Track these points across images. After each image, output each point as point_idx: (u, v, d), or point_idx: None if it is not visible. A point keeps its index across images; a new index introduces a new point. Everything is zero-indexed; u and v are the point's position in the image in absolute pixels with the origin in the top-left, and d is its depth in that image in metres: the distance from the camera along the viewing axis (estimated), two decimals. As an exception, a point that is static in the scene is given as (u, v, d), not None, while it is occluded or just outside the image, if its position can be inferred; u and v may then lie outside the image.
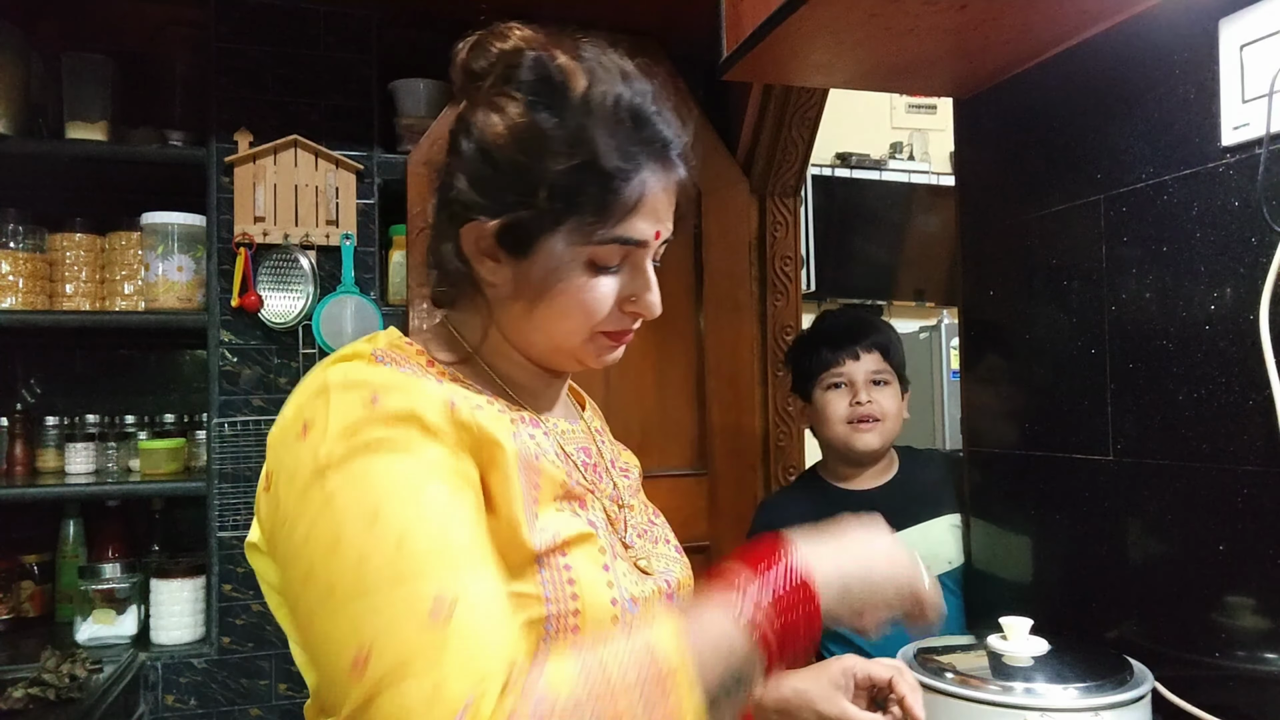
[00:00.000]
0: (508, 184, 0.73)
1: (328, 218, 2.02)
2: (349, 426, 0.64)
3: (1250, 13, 0.94)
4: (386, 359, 0.72)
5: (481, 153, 0.74)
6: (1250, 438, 0.95)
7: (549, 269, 0.74)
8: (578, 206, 0.72)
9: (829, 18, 1.08)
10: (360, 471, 0.63)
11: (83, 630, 1.91)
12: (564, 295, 0.75)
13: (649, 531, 0.88)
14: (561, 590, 0.70)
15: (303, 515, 0.63)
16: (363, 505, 0.61)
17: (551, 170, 0.71)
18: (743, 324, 2.31)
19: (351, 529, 0.61)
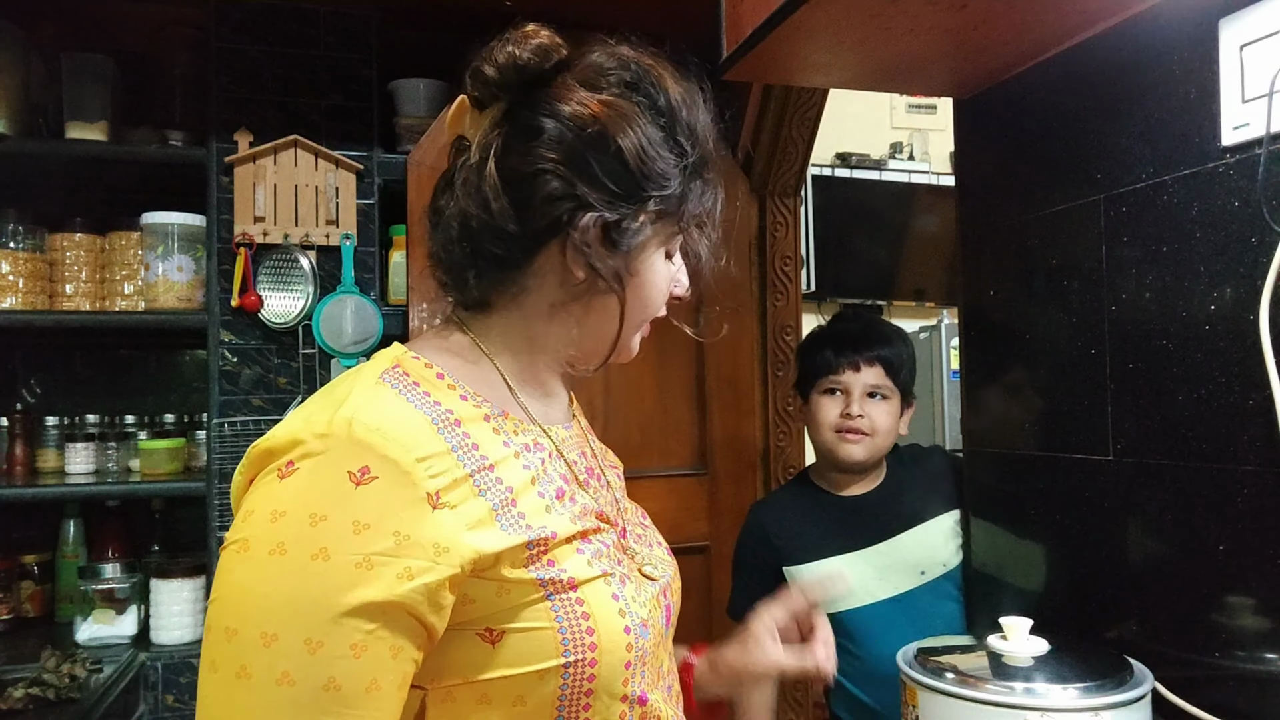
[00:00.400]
0: (629, 176, 0.74)
1: (328, 218, 2.02)
2: (316, 513, 0.62)
3: (1250, 13, 0.94)
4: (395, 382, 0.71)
5: (590, 142, 0.73)
6: (1250, 438, 0.95)
7: (643, 261, 0.78)
8: (687, 201, 0.77)
9: (829, 18, 1.08)
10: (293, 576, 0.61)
11: (83, 630, 1.91)
12: (650, 286, 0.79)
13: (644, 535, 0.89)
14: (576, 625, 0.69)
15: (237, 574, 0.63)
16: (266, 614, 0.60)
17: (672, 164, 0.75)
18: (743, 324, 2.31)
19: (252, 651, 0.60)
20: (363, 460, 0.63)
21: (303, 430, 0.65)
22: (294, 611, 0.60)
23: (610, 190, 0.73)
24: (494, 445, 0.72)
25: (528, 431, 0.77)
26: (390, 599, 0.62)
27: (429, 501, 0.64)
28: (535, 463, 0.74)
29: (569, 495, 0.76)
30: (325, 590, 0.61)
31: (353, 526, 0.62)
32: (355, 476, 0.63)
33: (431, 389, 0.72)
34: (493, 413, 0.74)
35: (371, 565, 0.61)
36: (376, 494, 0.63)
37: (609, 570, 0.74)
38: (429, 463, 0.66)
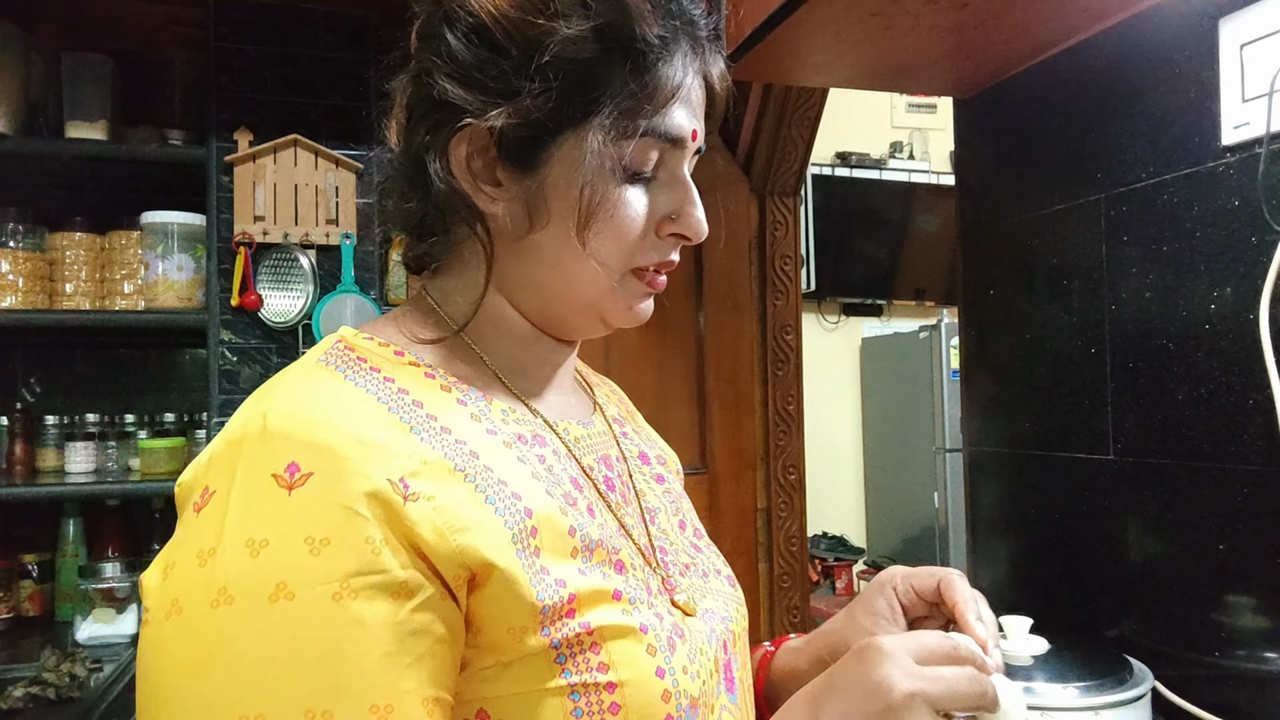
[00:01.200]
0: (511, 64, 0.55)
1: (328, 217, 2.02)
2: (254, 537, 0.46)
3: (1250, 12, 0.94)
4: (337, 361, 0.56)
5: (471, 31, 0.56)
6: (1250, 438, 0.95)
7: (568, 180, 0.57)
8: (609, 86, 0.56)
9: (829, 18, 1.08)
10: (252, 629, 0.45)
11: (83, 629, 1.91)
12: (594, 216, 0.57)
13: (695, 562, 0.69)
14: (589, 676, 0.53)
15: (173, 651, 0.46)
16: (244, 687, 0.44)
17: (570, 37, 0.54)
18: (743, 323, 2.31)
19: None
20: (287, 456, 0.48)
21: (218, 445, 0.51)
22: (274, 678, 0.44)
23: (488, 86, 0.55)
24: (471, 431, 0.56)
25: (522, 422, 0.61)
26: (395, 634, 0.47)
27: (394, 491, 0.48)
28: (533, 458, 0.58)
29: (585, 505, 0.59)
30: (310, 640, 0.45)
31: (306, 546, 0.46)
32: (284, 479, 0.47)
33: (382, 365, 0.57)
34: (470, 396, 0.59)
35: (355, 593, 0.46)
36: (318, 496, 0.47)
37: (646, 622, 0.56)
38: (380, 445, 0.50)
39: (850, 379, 4.14)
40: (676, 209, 0.61)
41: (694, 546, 0.72)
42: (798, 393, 2.35)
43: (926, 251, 3.96)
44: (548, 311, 0.63)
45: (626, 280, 0.61)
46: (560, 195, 0.57)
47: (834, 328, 4.10)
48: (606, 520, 0.61)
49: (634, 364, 2.17)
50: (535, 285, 0.61)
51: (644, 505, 0.68)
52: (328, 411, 0.51)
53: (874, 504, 4.06)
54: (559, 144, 0.57)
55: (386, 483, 0.49)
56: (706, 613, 0.64)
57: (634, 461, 0.72)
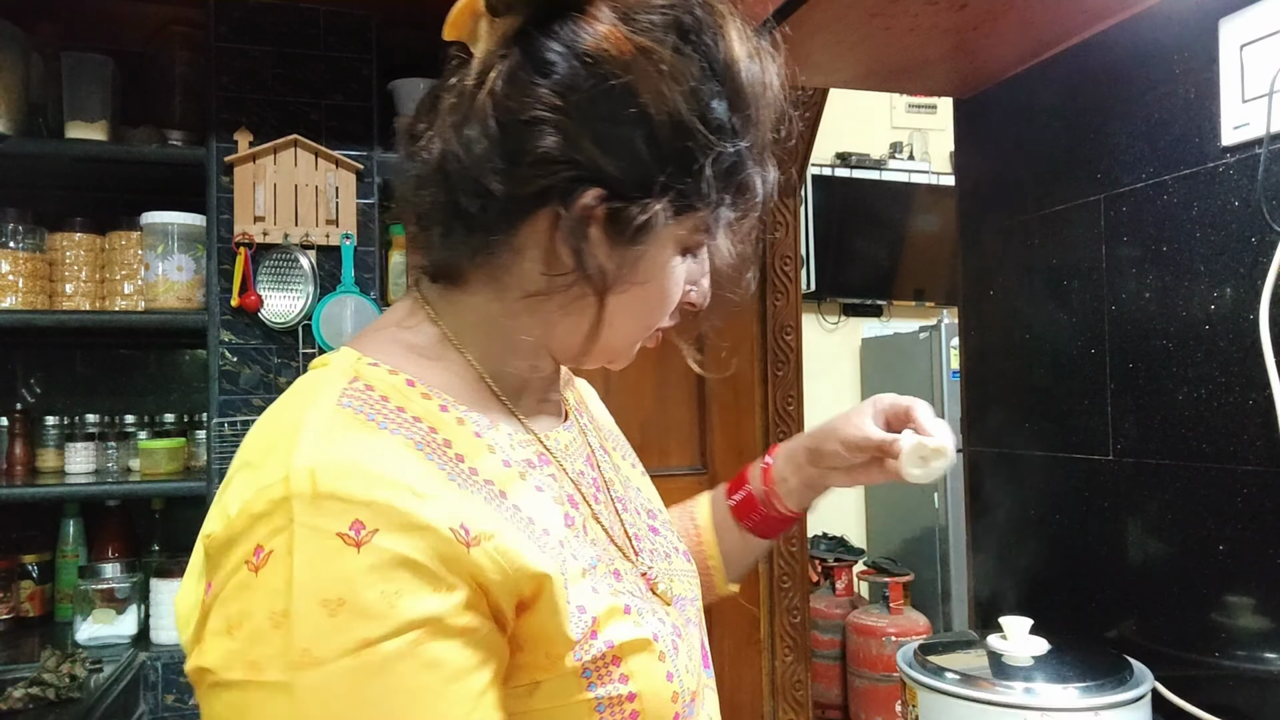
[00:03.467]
0: (660, 159, 0.56)
1: (328, 217, 2.02)
2: (329, 598, 0.47)
3: (1250, 12, 0.94)
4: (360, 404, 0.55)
5: (623, 105, 0.55)
6: (1250, 438, 0.95)
7: (661, 258, 0.61)
8: (724, 198, 0.60)
9: (829, 18, 1.08)
10: (343, 686, 0.46)
11: (83, 630, 1.91)
12: (658, 291, 0.62)
13: (656, 546, 0.72)
14: (613, 689, 0.56)
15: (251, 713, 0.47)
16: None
17: (717, 154, 0.57)
18: (743, 324, 2.32)
19: None
20: (349, 515, 0.48)
21: (257, 501, 0.50)
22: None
23: (624, 166, 0.56)
24: (492, 467, 0.57)
25: (526, 445, 0.62)
26: (474, 670, 0.50)
27: (457, 538, 0.50)
28: (547, 482, 0.61)
29: (581, 522, 0.62)
30: (399, 690, 0.47)
31: (380, 600, 0.47)
32: (350, 538, 0.48)
33: (404, 402, 0.56)
34: (481, 425, 0.59)
35: (432, 636, 0.48)
36: (385, 551, 0.48)
37: (656, 630, 0.59)
38: (432, 496, 0.51)
39: (850, 379, 4.14)
40: (696, 281, 0.68)
41: (652, 530, 0.73)
42: (798, 393, 2.36)
43: (926, 251, 3.96)
44: (571, 352, 0.65)
45: (651, 337, 0.68)
46: (651, 270, 0.60)
47: (834, 328, 4.10)
48: (597, 533, 0.63)
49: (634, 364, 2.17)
50: (566, 327, 0.62)
51: (614, 497, 0.70)
52: (376, 467, 0.51)
53: (874, 504, 4.06)
54: (660, 229, 0.59)
55: (449, 531, 0.50)
56: (679, 599, 0.68)
57: (599, 453, 0.73)
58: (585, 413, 0.79)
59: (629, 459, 0.82)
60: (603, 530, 0.64)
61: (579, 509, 0.62)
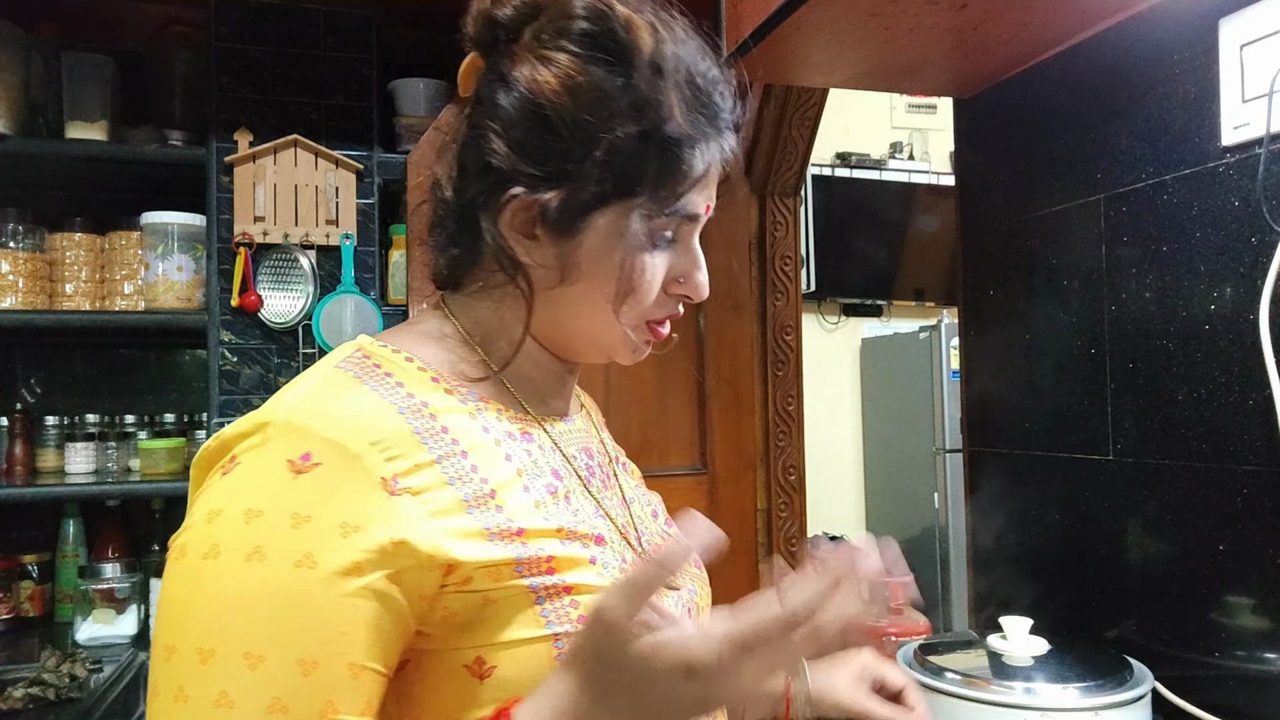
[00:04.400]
0: (564, 151, 0.63)
1: (328, 217, 2.02)
2: (253, 508, 0.55)
3: (1250, 12, 0.94)
4: (355, 368, 0.63)
5: (529, 113, 0.63)
6: (1250, 438, 0.95)
7: (600, 247, 0.65)
8: (643, 178, 0.64)
9: (829, 18, 1.08)
10: (227, 580, 0.54)
11: (83, 630, 1.91)
12: (614, 276, 0.66)
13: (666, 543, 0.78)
14: (572, 627, 0.61)
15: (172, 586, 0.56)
16: (206, 627, 0.54)
17: (619, 137, 0.62)
18: (743, 324, 2.31)
19: (185, 662, 0.54)
20: (304, 446, 0.57)
21: (247, 423, 0.60)
22: (229, 623, 0.54)
23: (541, 165, 0.63)
24: (469, 430, 0.64)
25: (515, 420, 0.69)
26: (339, 602, 0.54)
27: (384, 487, 0.57)
28: (521, 453, 0.67)
29: (564, 493, 0.68)
30: (265, 595, 0.54)
31: (290, 520, 0.55)
32: (296, 464, 0.56)
33: (397, 372, 0.64)
34: (470, 398, 0.67)
35: (314, 563, 0.54)
36: (318, 482, 0.56)
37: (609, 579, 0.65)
38: (385, 445, 0.58)
39: (850, 379, 4.14)
40: (685, 273, 0.70)
41: (664, 535, 0.80)
42: (798, 393, 2.35)
43: (926, 251, 3.96)
44: (561, 345, 0.72)
45: (637, 330, 0.70)
46: (594, 260, 0.66)
47: (834, 328, 4.10)
48: (583, 505, 0.69)
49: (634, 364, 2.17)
50: (555, 326, 0.70)
51: (624, 493, 0.78)
52: (345, 413, 0.59)
53: (874, 504, 4.06)
54: (596, 218, 0.65)
55: (380, 479, 0.57)
56: (674, 592, 0.73)
57: (612, 452, 0.83)
58: (603, 429, 0.87)
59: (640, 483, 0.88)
60: (595, 505, 0.71)
61: (564, 481, 0.69)
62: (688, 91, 0.65)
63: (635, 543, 0.73)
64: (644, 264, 0.66)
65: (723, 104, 0.68)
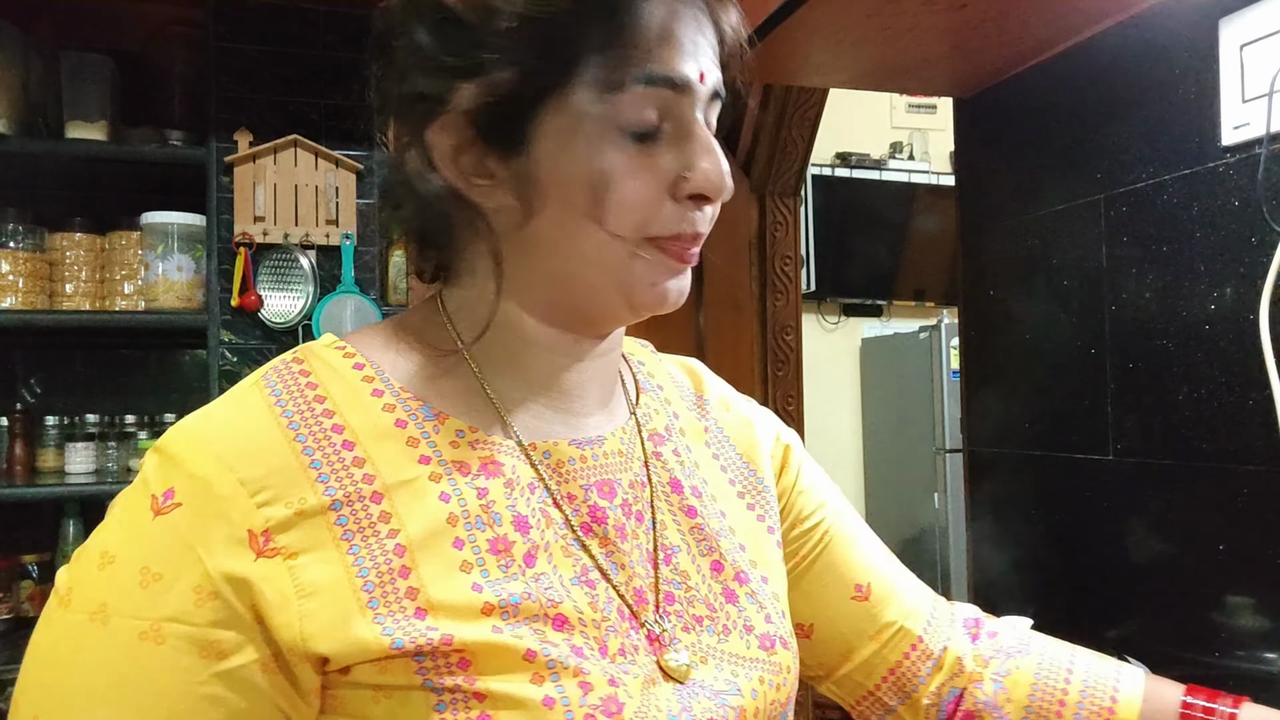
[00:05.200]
0: (477, 38, 0.50)
1: (328, 217, 2.02)
2: (108, 551, 0.48)
3: (1250, 13, 0.94)
4: (278, 380, 0.53)
5: (435, 14, 0.51)
6: (1250, 438, 0.95)
7: (559, 152, 0.51)
8: (581, 40, 0.50)
9: (829, 18, 1.08)
10: (67, 638, 0.48)
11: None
12: (592, 188, 0.51)
13: (716, 615, 0.58)
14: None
15: (39, 629, 0.50)
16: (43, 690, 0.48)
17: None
18: (743, 324, 2.31)
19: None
20: (169, 480, 0.47)
21: (149, 449, 0.52)
22: (64, 694, 0.46)
23: (453, 69, 0.51)
24: (396, 461, 0.51)
25: (479, 444, 0.53)
26: (189, 693, 0.45)
27: (250, 544, 0.46)
28: (468, 492, 0.51)
29: (525, 551, 0.51)
30: (105, 668, 0.45)
31: (140, 575, 0.46)
32: (157, 502, 0.47)
33: (329, 385, 0.53)
34: (417, 414, 0.53)
35: (161, 638, 0.45)
36: (174, 529, 0.46)
37: (554, 695, 0.48)
38: (260, 485, 0.47)
39: (850, 379, 4.14)
40: (688, 163, 0.52)
41: (727, 594, 0.59)
42: (798, 393, 2.36)
43: (926, 251, 3.96)
44: (564, 304, 0.55)
45: (645, 250, 0.53)
46: (554, 170, 0.51)
47: (834, 328, 4.10)
48: (559, 566, 0.52)
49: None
50: (545, 277, 0.55)
51: (661, 542, 0.58)
52: (224, 444, 0.49)
53: (874, 504, 4.06)
54: (542, 115, 0.51)
55: (247, 533, 0.46)
56: (701, 686, 0.54)
57: (660, 488, 0.61)
58: (673, 441, 0.64)
59: (730, 511, 0.65)
60: (590, 563, 0.54)
61: (530, 535, 0.52)
62: None
63: (655, 612, 0.55)
64: (615, 156, 0.51)
65: None
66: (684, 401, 0.69)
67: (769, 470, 0.70)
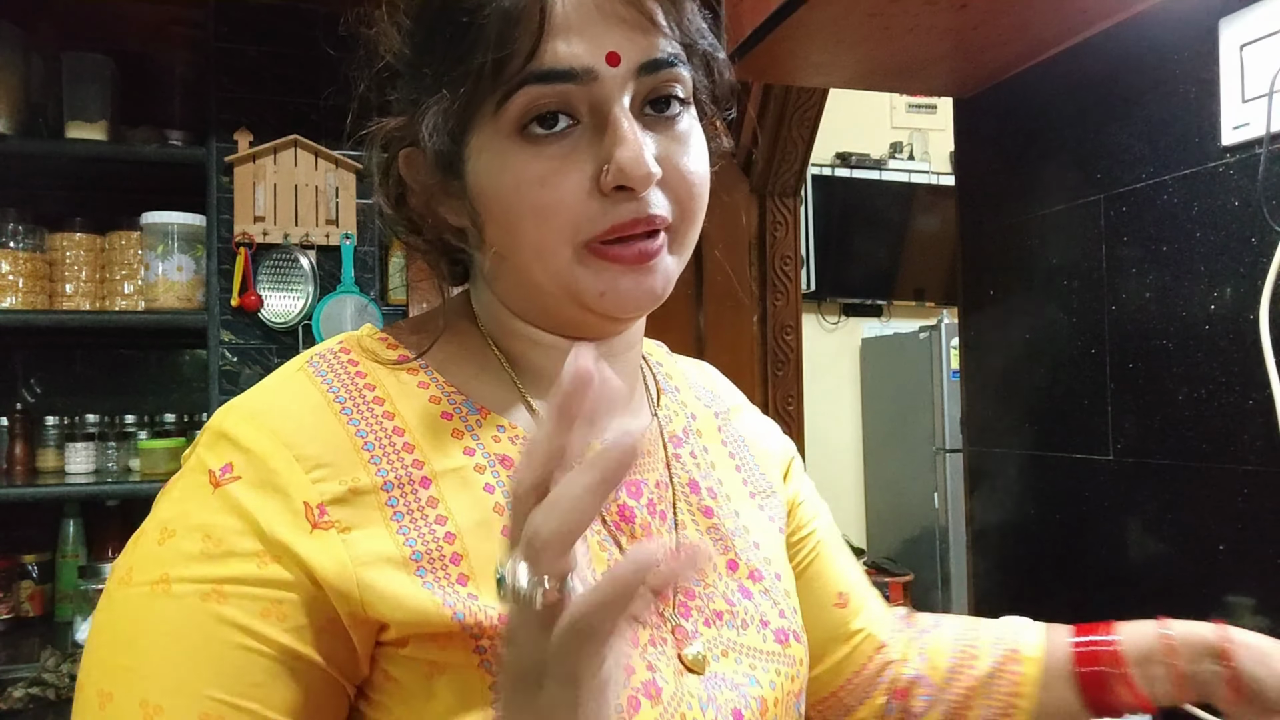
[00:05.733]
0: (409, 79, 0.56)
1: (328, 217, 2.02)
2: (168, 526, 0.49)
3: (1250, 12, 0.94)
4: (325, 365, 0.55)
5: (379, 66, 0.59)
6: (1250, 438, 0.95)
7: (485, 167, 0.52)
8: (461, 57, 0.51)
9: (829, 18, 1.08)
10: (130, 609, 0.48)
11: (83, 630, 1.91)
12: (501, 196, 0.52)
13: (736, 610, 0.60)
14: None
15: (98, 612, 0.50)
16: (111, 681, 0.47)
17: (398, 34, 0.56)
18: (743, 324, 2.31)
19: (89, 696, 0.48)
20: (227, 455, 0.49)
21: (200, 432, 0.54)
22: (129, 663, 0.47)
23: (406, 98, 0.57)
24: (444, 451, 0.53)
25: (519, 440, 0.56)
26: (253, 652, 0.47)
27: (306, 515, 0.48)
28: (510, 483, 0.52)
29: None
30: (163, 635, 0.47)
31: (201, 544, 0.47)
32: (215, 477, 0.49)
33: (377, 374, 0.55)
34: (461, 408, 0.55)
35: (224, 598, 0.47)
36: (233, 499, 0.48)
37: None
38: (315, 462, 0.49)
39: (850, 379, 4.14)
40: (606, 154, 0.50)
41: (742, 590, 0.62)
42: (798, 393, 2.36)
43: (926, 251, 3.97)
44: (534, 308, 0.57)
45: (585, 260, 0.52)
46: (483, 190, 0.53)
47: (834, 328, 4.10)
48: (589, 561, 0.53)
49: (634, 364, 2.17)
50: (513, 285, 0.57)
51: (682, 540, 0.60)
52: (280, 422, 0.50)
53: (874, 504, 4.06)
54: (469, 139, 0.53)
55: (303, 505, 0.48)
56: (719, 678, 0.56)
57: (681, 489, 0.63)
58: (691, 443, 0.67)
59: (744, 510, 0.67)
60: (610, 562, 0.55)
61: None
62: None
63: (672, 608, 0.57)
64: (527, 163, 0.50)
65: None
66: (699, 402, 0.71)
67: (778, 476, 0.73)
